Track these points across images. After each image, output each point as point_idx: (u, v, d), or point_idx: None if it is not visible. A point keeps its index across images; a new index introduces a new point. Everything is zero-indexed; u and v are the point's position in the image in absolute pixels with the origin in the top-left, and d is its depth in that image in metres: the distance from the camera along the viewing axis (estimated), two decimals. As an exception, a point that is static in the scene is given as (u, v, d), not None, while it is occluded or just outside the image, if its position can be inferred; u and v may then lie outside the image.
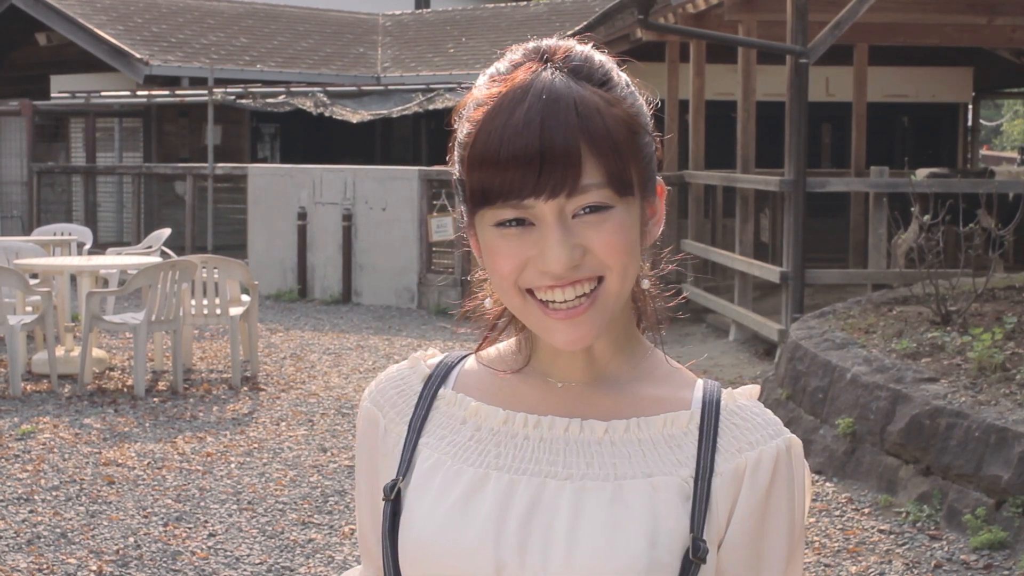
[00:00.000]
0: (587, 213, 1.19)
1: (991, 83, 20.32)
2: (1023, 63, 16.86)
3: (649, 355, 1.34)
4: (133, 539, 5.62)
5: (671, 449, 1.26)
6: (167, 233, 12.27)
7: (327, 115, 16.55)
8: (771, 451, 1.26)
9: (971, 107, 19.69)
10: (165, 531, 5.73)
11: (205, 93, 16.05)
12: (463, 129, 1.23)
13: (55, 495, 6.27)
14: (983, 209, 9.01)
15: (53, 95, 18.52)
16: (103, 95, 17.68)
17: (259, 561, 5.39)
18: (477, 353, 1.39)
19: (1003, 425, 5.53)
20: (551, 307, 1.21)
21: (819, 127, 17.01)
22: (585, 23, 13.07)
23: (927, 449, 5.89)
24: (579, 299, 1.21)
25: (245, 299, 9.53)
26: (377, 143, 20.19)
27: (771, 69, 12.64)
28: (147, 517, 5.93)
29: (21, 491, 6.32)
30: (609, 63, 1.26)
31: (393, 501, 1.30)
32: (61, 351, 9.22)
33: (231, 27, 20.70)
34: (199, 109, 17.06)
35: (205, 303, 9.14)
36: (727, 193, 12.93)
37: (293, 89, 17.21)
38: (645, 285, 1.31)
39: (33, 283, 9.29)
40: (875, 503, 6.06)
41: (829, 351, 7.15)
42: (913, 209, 8.85)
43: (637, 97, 1.26)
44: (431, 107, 16.45)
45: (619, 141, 1.20)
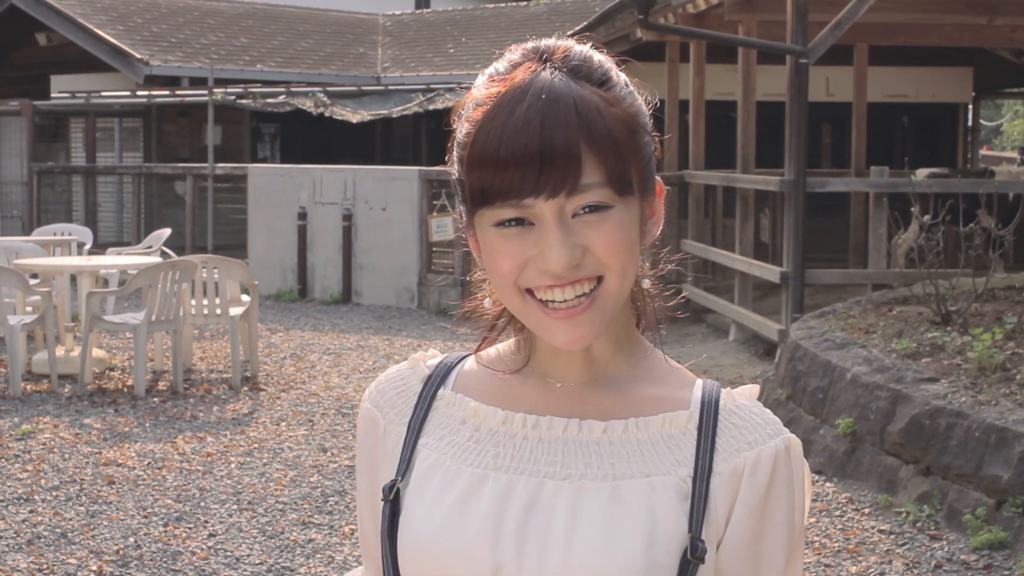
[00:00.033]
0: (587, 213, 1.19)
1: (991, 83, 20.32)
2: (1023, 63, 16.85)
3: (648, 355, 1.33)
4: (133, 539, 5.62)
5: (669, 449, 1.26)
6: (167, 233, 12.27)
7: (327, 115, 16.55)
8: (770, 451, 1.25)
9: (971, 107, 19.69)
10: (165, 531, 5.73)
11: (205, 93, 16.05)
12: (462, 129, 1.23)
13: (55, 495, 6.27)
14: (983, 209, 9.01)
15: (53, 95, 18.52)
16: (103, 95, 17.68)
17: (259, 561, 5.39)
18: (477, 353, 1.39)
19: (1003, 425, 5.53)
20: (551, 306, 1.21)
21: (819, 127, 17.01)
22: (585, 23, 13.07)
23: (927, 449, 5.89)
24: (579, 298, 1.21)
25: (245, 299, 9.53)
26: (377, 143, 20.19)
27: (771, 69, 12.64)
28: (147, 517, 5.93)
29: (21, 491, 6.32)
30: (608, 63, 1.26)
31: (392, 501, 1.30)
32: (61, 351, 9.22)
33: (231, 27, 20.70)
34: (199, 109, 17.06)
35: (205, 303, 9.14)
36: (727, 193, 12.93)
37: (293, 89, 17.22)
38: (645, 285, 1.31)
39: (33, 283, 9.29)
40: (875, 503, 6.06)
41: (829, 351, 7.15)
42: (913, 209, 8.85)
43: (636, 97, 1.26)
44: (431, 107, 16.45)
45: (619, 140, 1.20)
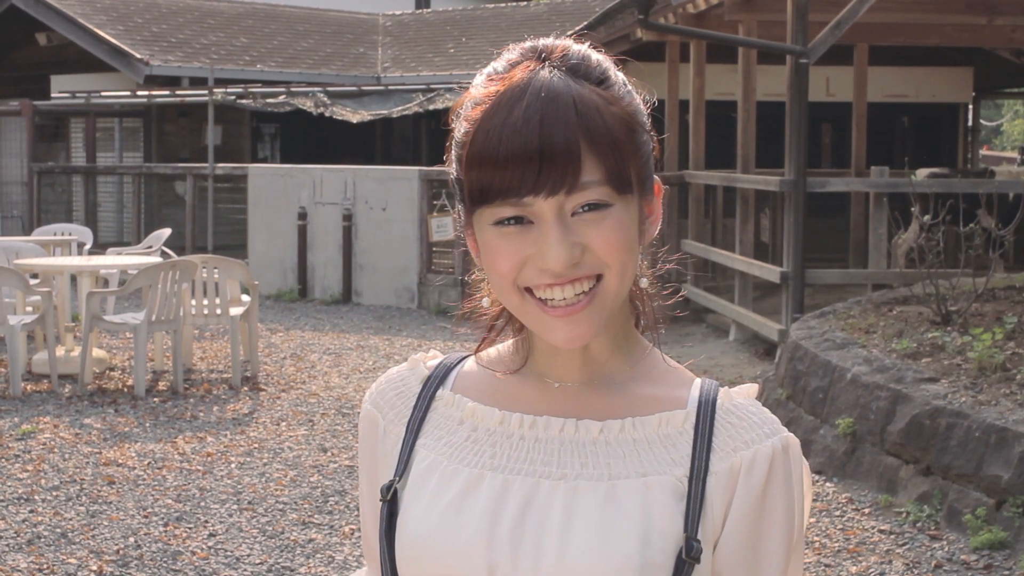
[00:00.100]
0: (586, 211, 1.19)
1: (991, 83, 20.32)
2: (1023, 63, 16.85)
3: (647, 355, 1.33)
4: (133, 539, 5.62)
5: (666, 448, 1.25)
6: (167, 233, 12.27)
7: (327, 115, 16.55)
8: (766, 450, 1.25)
9: (971, 107, 19.69)
10: (165, 531, 5.73)
11: (205, 93, 16.05)
12: (461, 128, 1.23)
13: (55, 495, 6.27)
14: (983, 209, 9.01)
15: (53, 95, 18.53)
16: (103, 95, 17.69)
17: (259, 561, 5.39)
18: (476, 354, 1.38)
19: (1003, 425, 5.53)
20: (549, 305, 1.21)
21: (819, 127, 17.01)
22: (585, 23, 13.07)
23: (927, 449, 5.89)
24: (578, 296, 1.20)
25: (245, 299, 9.53)
26: (377, 143, 20.19)
27: (771, 69, 12.64)
28: (147, 517, 5.93)
29: (21, 491, 6.32)
30: (606, 62, 1.26)
31: (390, 502, 1.30)
32: (61, 351, 9.22)
33: (231, 27, 20.71)
34: (199, 109, 17.06)
35: (205, 303, 9.14)
36: (727, 193, 12.92)
37: (293, 89, 17.22)
38: (643, 284, 1.30)
39: (33, 283, 9.29)
40: (875, 503, 6.06)
41: (829, 351, 7.15)
42: (913, 209, 8.85)
43: (634, 96, 1.26)
44: (431, 107, 16.45)
45: (618, 139, 1.20)
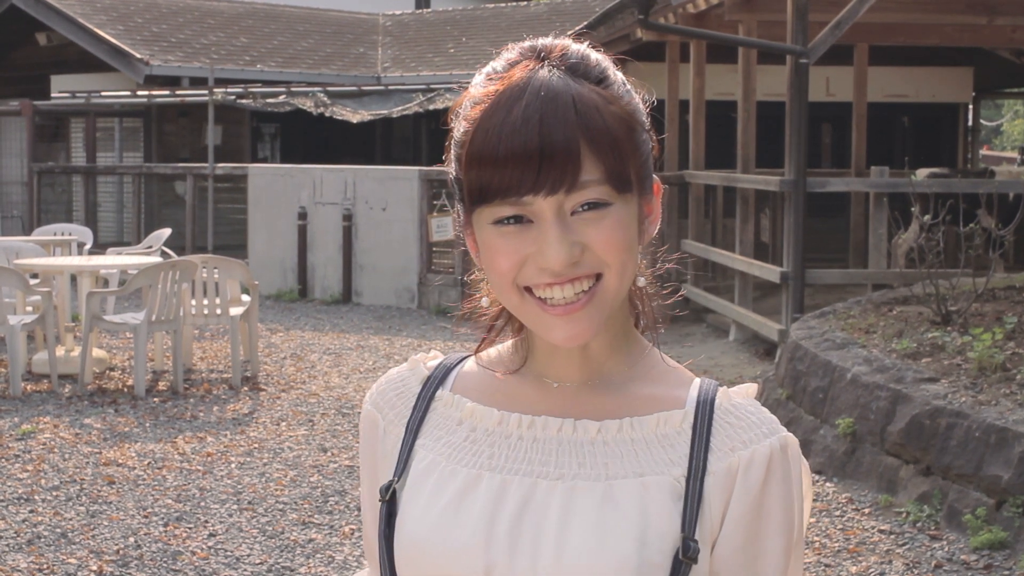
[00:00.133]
0: (586, 210, 1.19)
1: (991, 83, 20.32)
2: (1023, 63, 16.85)
3: (646, 355, 1.33)
4: (133, 539, 5.62)
5: (664, 448, 1.25)
6: (167, 233, 12.27)
7: (327, 115, 16.55)
8: (764, 450, 1.24)
9: (971, 107, 19.69)
10: (165, 531, 5.74)
11: (205, 93, 16.05)
12: (460, 128, 1.23)
13: (55, 495, 6.27)
14: (983, 209, 9.00)
15: (53, 95, 18.53)
16: (103, 95, 17.69)
17: (259, 561, 5.39)
18: (477, 354, 1.38)
19: (1003, 425, 5.53)
20: (549, 304, 1.21)
21: (819, 127, 17.01)
22: (585, 23, 13.07)
23: (927, 449, 5.89)
24: (577, 295, 1.20)
25: (245, 299, 9.53)
26: (377, 143, 20.19)
27: (771, 69, 12.64)
28: (147, 517, 5.93)
29: (21, 491, 6.32)
30: (605, 61, 1.26)
31: (389, 502, 1.30)
32: (61, 351, 9.22)
33: (231, 27, 20.71)
34: (199, 109, 17.06)
35: (205, 303, 9.14)
36: (727, 193, 12.92)
37: (293, 89, 17.22)
38: (640, 283, 1.30)
39: (33, 283, 9.29)
40: (875, 503, 6.06)
41: (829, 351, 7.15)
42: (913, 209, 8.85)
43: (634, 95, 1.26)
44: (431, 107, 16.45)
45: (618, 138, 1.20)
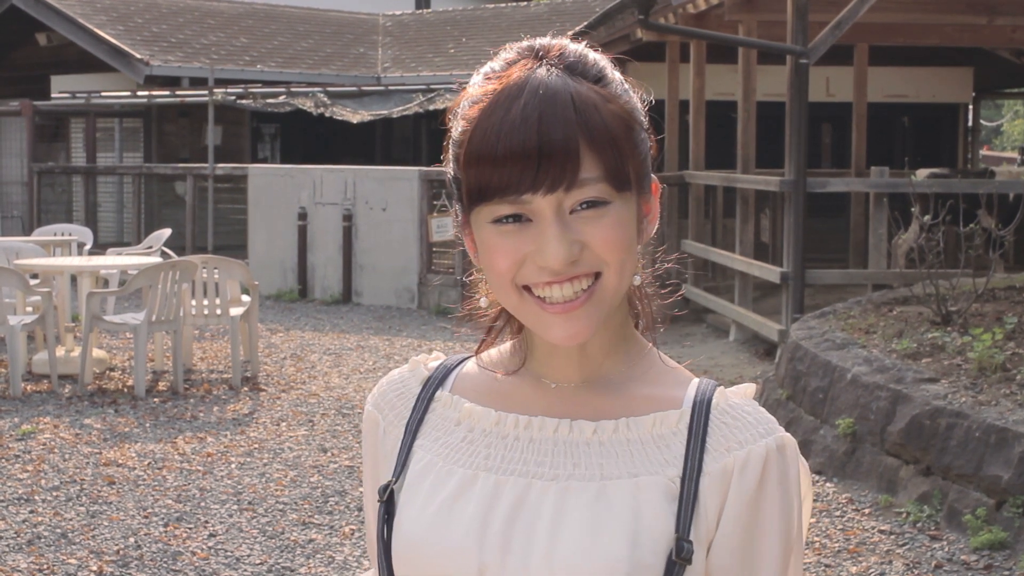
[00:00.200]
0: (585, 209, 1.19)
1: (991, 83, 20.31)
2: (1023, 63, 16.85)
3: (645, 355, 1.33)
4: (133, 539, 5.62)
5: (659, 449, 1.25)
6: (167, 233, 12.27)
7: (327, 115, 16.54)
8: (760, 450, 1.23)
9: (971, 107, 19.69)
10: (165, 531, 5.73)
11: (205, 93, 16.05)
12: (458, 127, 1.23)
13: (55, 495, 6.26)
14: (983, 209, 9.00)
15: (53, 95, 18.53)
16: (103, 95, 17.69)
17: (259, 561, 5.39)
18: (477, 355, 1.39)
19: (1003, 425, 5.53)
20: (548, 302, 1.21)
21: (819, 127, 17.01)
22: (585, 23, 13.07)
23: (927, 449, 5.89)
24: (576, 294, 1.20)
25: (245, 299, 9.53)
26: (377, 143, 20.19)
27: (771, 69, 12.64)
28: (147, 517, 5.93)
29: (21, 491, 6.32)
30: (603, 60, 1.26)
31: (387, 502, 1.31)
32: (61, 351, 9.22)
33: (231, 27, 20.71)
34: (199, 109, 17.06)
35: (205, 303, 9.14)
36: (727, 193, 12.92)
37: (293, 89, 17.22)
38: (636, 282, 1.29)
39: (33, 283, 9.29)
40: (875, 503, 6.06)
41: (829, 351, 7.15)
42: (913, 209, 8.85)
43: (632, 94, 1.26)
44: (431, 107, 16.45)
45: (616, 136, 1.20)
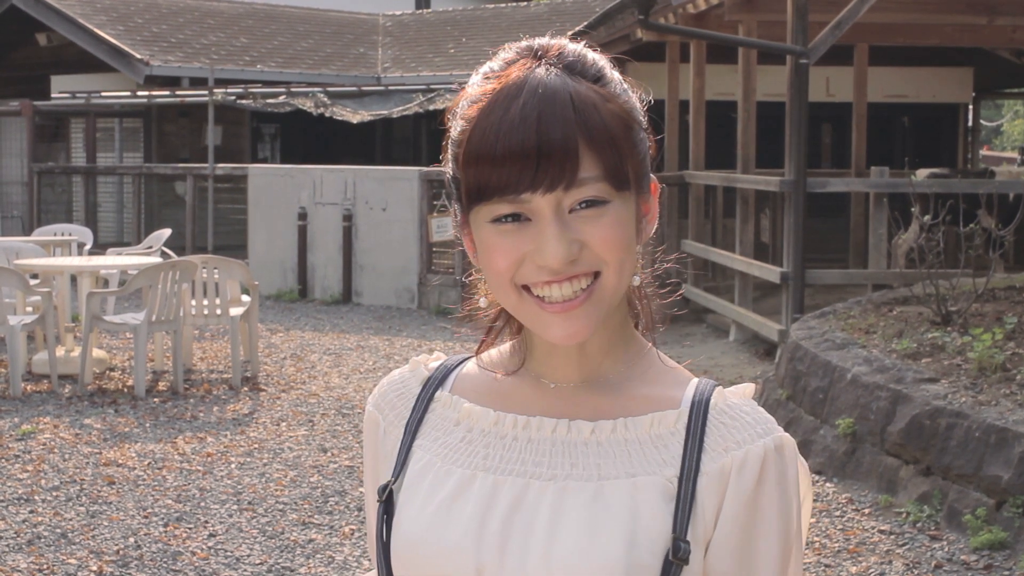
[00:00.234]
0: (584, 208, 1.19)
1: (991, 83, 20.31)
2: (1023, 63, 16.85)
3: (644, 355, 1.32)
4: (133, 539, 5.62)
5: (657, 449, 1.24)
6: (167, 233, 12.27)
7: (327, 115, 16.54)
8: (758, 450, 1.23)
9: (971, 107, 19.68)
10: (165, 531, 5.74)
11: (205, 93, 16.05)
12: (457, 126, 1.23)
13: (55, 495, 6.26)
14: (983, 209, 9.00)
15: (53, 95, 18.53)
16: (103, 95, 17.69)
17: (259, 561, 5.39)
18: (477, 355, 1.39)
19: (1003, 425, 5.53)
20: (547, 301, 1.21)
21: (819, 127, 17.01)
22: (585, 23, 13.07)
23: (927, 449, 5.89)
24: (575, 293, 1.20)
25: (245, 299, 9.53)
26: (377, 143, 20.19)
27: (771, 69, 12.64)
28: (147, 517, 5.93)
29: (21, 491, 6.32)
30: (602, 60, 1.26)
31: (386, 502, 1.31)
32: (61, 351, 9.22)
33: (231, 27, 20.71)
34: (199, 109, 17.06)
35: (205, 303, 9.14)
36: (727, 193, 12.92)
37: (293, 89, 17.21)
38: (636, 282, 1.29)
39: (33, 283, 9.29)
40: (875, 503, 6.06)
41: (829, 351, 7.14)
42: (913, 209, 8.85)
43: (631, 94, 1.26)
44: (431, 107, 16.45)
45: (615, 135, 1.20)
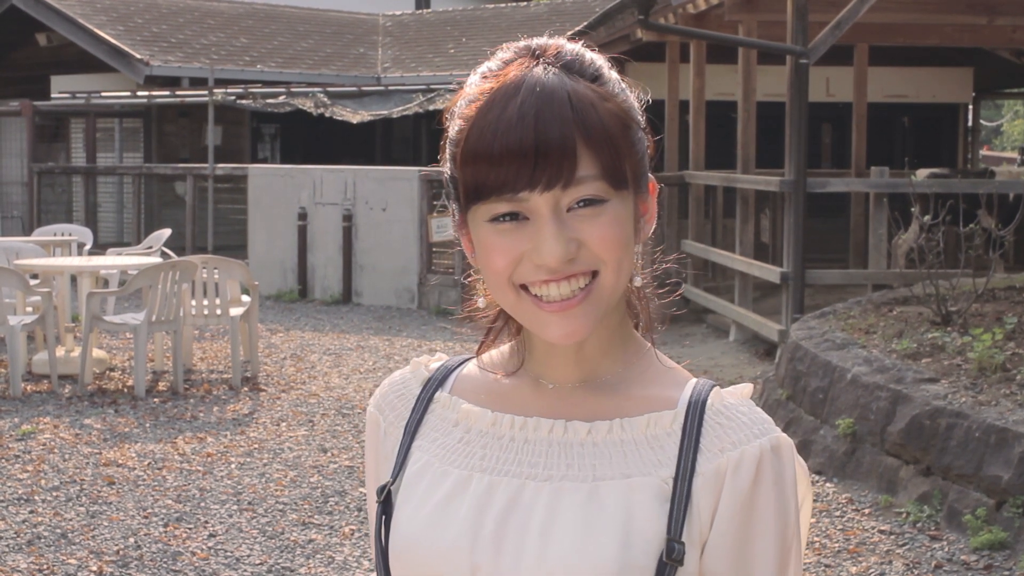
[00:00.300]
0: (582, 207, 1.19)
1: (991, 83, 20.31)
2: (1023, 63, 16.85)
3: (643, 355, 1.32)
4: (133, 539, 5.62)
5: (652, 450, 1.24)
6: (167, 233, 12.27)
7: (327, 115, 16.54)
8: (754, 450, 1.22)
9: (971, 107, 19.68)
10: (165, 531, 5.73)
11: (205, 93, 16.05)
12: (455, 126, 1.23)
13: (55, 495, 6.26)
14: (983, 209, 9.00)
15: (53, 95, 18.53)
16: (103, 95, 17.69)
17: (259, 562, 5.39)
18: (478, 356, 1.39)
19: (1003, 425, 5.53)
20: (545, 301, 1.21)
21: (819, 127, 17.01)
22: (585, 23, 13.07)
23: (927, 449, 5.89)
24: (573, 292, 1.20)
25: (245, 299, 9.53)
26: (377, 143, 20.19)
27: (771, 69, 12.64)
28: (147, 517, 5.93)
29: (21, 491, 6.32)
30: (600, 60, 1.26)
31: (384, 503, 1.31)
32: (61, 351, 9.22)
33: (231, 27, 20.71)
34: (199, 109, 17.06)
35: (205, 303, 9.14)
36: (727, 193, 12.92)
37: (293, 89, 17.21)
38: (637, 283, 1.29)
39: (33, 283, 9.29)
40: (875, 503, 6.06)
41: (829, 351, 7.14)
42: (913, 209, 8.85)
43: (629, 93, 1.26)
44: (431, 107, 16.45)
45: (613, 135, 1.20)
